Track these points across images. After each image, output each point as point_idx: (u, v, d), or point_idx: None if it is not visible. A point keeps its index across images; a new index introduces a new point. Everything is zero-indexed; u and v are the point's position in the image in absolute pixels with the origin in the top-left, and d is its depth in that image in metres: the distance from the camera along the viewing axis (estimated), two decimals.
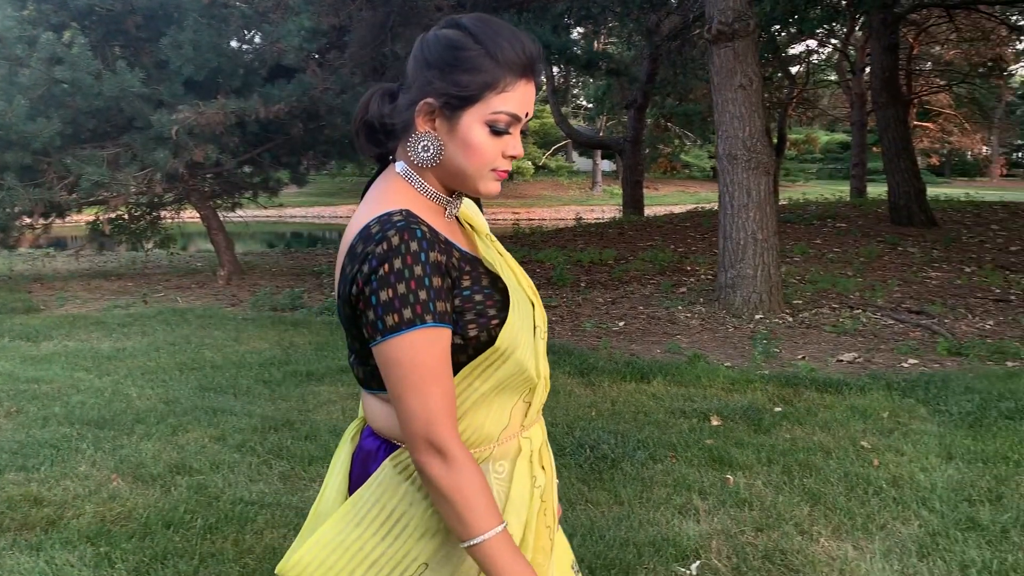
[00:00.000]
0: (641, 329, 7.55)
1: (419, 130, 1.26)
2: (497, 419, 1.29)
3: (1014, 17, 20.93)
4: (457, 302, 1.21)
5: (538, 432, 1.39)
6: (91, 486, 3.66)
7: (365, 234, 1.18)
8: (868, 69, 19.65)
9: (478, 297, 1.23)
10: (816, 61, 25.73)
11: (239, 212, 12.64)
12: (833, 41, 23.26)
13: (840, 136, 47.70)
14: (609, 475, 3.76)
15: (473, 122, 1.23)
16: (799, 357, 6.31)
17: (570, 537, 3.12)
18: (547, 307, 8.50)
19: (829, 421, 4.53)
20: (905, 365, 6.05)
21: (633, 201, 19.40)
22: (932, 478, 3.67)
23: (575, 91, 38.49)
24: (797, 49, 23.33)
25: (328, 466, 1.41)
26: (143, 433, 4.39)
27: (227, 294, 9.87)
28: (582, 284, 9.87)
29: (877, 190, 20.42)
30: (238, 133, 10.27)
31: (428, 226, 1.19)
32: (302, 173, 13.06)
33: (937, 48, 26.22)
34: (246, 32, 11.71)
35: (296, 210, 36.84)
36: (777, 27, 15.57)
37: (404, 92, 1.28)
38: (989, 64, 24.82)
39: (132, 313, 8.39)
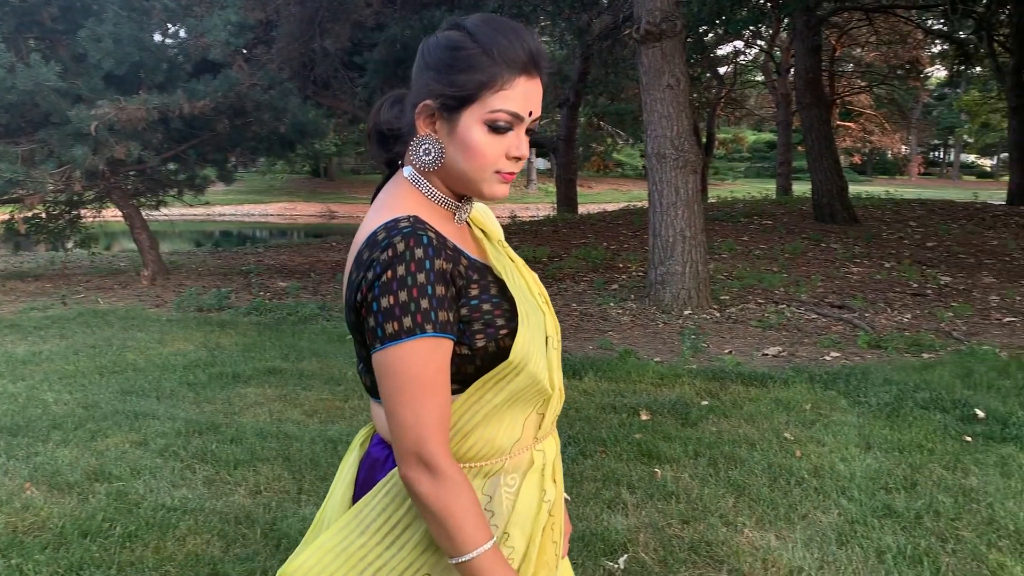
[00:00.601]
0: (574, 326, 7.61)
1: (420, 133, 1.25)
2: (509, 432, 1.26)
3: (929, 21, 21.76)
4: (464, 311, 1.18)
5: (552, 444, 1.36)
6: (2, 496, 3.51)
7: (372, 240, 1.16)
8: (793, 70, 20.16)
9: (486, 307, 1.20)
10: (743, 62, 26.30)
11: (164, 210, 12.30)
12: (760, 42, 23.82)
13: (767, 135, 48.88)
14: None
15: (472, 122, 1.21)
16: (726, 351, 6.44)
17: None
18: None
19: (754, 414, 4.64)
20: (827, 358, 6.23)
21: (567, 199, 19.55)
22: (851, 468, 3.78)
23: None
24: (725, 50, 23.82)
25: (334, 474, 1.38)
26: (60, 439, 4.24)
27: (151, 295, 9.59)
28: None
29: (802, 188, 20.99)
30: (161, 129, 9.99)
31: (435, 232, 1.17)
32: (229, 170, 12.79)
33: (858, 50, 27.10)
34: (170, 26, 11.39)
35: (226, 208, 36.06)
36: (704, 28, 15.85)
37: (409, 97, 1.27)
38: (907, 66, 25.76)
39: (50, 315, 8.08)
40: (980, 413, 4.53)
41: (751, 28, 20.07)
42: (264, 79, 10.28)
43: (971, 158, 51.62)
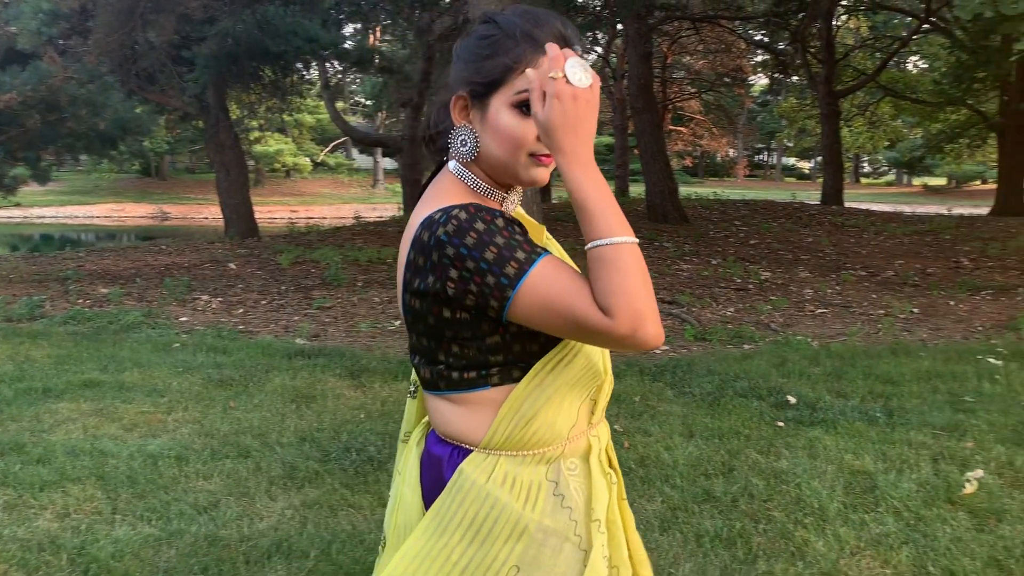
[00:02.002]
0: None
1: (456, 125, 1.27)
2: (567, 416, 1.27)
3: (752, 32, 23.20)
4: None
5: (604, 430, 1.38)
6: None
7: (428, 222, 1.17)
8: (627, 76, 20.96)
9: None
10: None
11: None
12: (597, 49, 24.58)
13: (606, 138, 50.57)
14: (374, 477, 3.72)
15: (501, 106, 1.22)
16: None
17: (329, 544, 3.05)
18: (321, 308, 8.30)
19: None
20: (657, 352, 6.50)
21: (413, 199, 19.42)
22: (675, 456, 3.96)
23: (353, 87, 37.92)
24: None
25: (391, 476, 1.38)
26: None
27: None
28: (359, 284, 9.73)
29: (639, 189, 21.88)
30: None
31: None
32: (44, 169, 11.87)
33: (688, 58, 28.51)
34: None
35: (46, 210, 33.49)
36: None
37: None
38: (732, 74, 27.35)
39: None
40: (792, 399, 4.86)
41: (587, 35, 20.68)
42: (81, 72, 9.60)
43: (791, 161, 55.48)
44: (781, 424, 4.46)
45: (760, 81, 34.64)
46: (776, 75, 25.32)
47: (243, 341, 6.68)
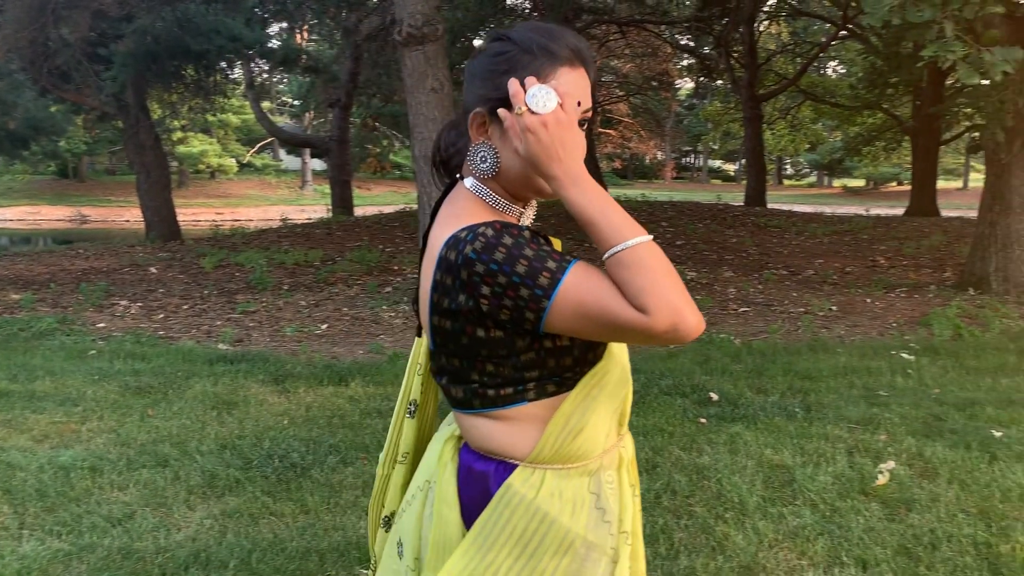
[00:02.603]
0: (345, 331, 7.47)
1: (474, 142, 1.27)
2: (606, 427, 1.29)
3: (678, 36, 23.62)
4: None
5: (630, 442, 1.40)
6: None
7: (454, 241, 1.18)
8: None
9: None
10: None
11: None
12: None
13: None
14: (297, 484, 3.65)
15: None
16: None
17: (249, 554, 2.98)
18: (245, 313, 8.13)
19: None
20: None
21: (342, 201, 19.22)
22: None
23: (280, 87, 37.29)
24: None
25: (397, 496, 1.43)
26: None
27: None
28: (285, 287, 9.56)
29: None
30: None
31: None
32: None
33: (616, 61, 28.87)
34: None
35: None
36: (472, 35, 16.18)
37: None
38: (659, 78, 27.81)
39: None
40: (714, 396, 4.96)
41: None
42: None
43: (717, 163, 56.71)
44: (704, 421, 4.55)
45: (686, 85, 35.29)
46: (701, 79, 25.85)
47: (163, 347, 6.50)
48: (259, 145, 43.27)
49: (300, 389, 5.24)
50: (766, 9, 22.01)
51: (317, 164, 43.04)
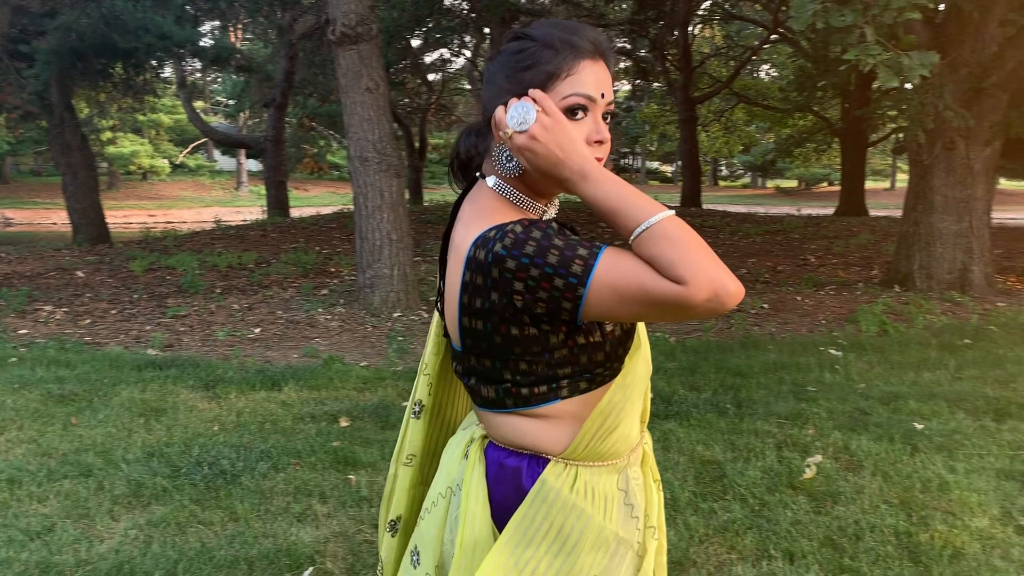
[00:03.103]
0: (279, 335, 7.35)
1: (498, 142, 1.25)
2: (633, 425, 1.32)
3: (614, 38, 23.82)
4: None
5: (649, 438, 1.45)
6: None
7: (482, 240, 1.18)
8: None
9: None
10: (452, 70, 27.11)
11: None
12: (465, 52, 24.69)
13: None
14: (226, 491, 3.57)
15: None
16: None
17: (175, 564, 2.91)
18: (176, 317, 7.94)
19: None
20: None
21: (277, 202, 18.92)
22: None
23: (214, 87, 36.55)
24: (432, 57, 24.39)
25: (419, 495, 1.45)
26: None
27: None
28: (217, 290, 9.36)
29: None
30: None
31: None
32: None
33: None
34: None
35: None
36: (409, 35, 16.11)
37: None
38: None
39: None
40: (649, 394, 5.01)
41: (456, 38, 20.74)
42: None
43: (655, 165, 57.45)
44: None
45: (623, 87, 35.69)
46: (638, 81, 26.15)
47: (89, 353, 6.30)
48: (192, 146, 42.32)
49: (231, 394, 5.13)
50: (700, 13, 22.39)
51: (253, 165, 42.31)
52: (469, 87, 28.75)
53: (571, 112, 1.23)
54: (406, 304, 8.17)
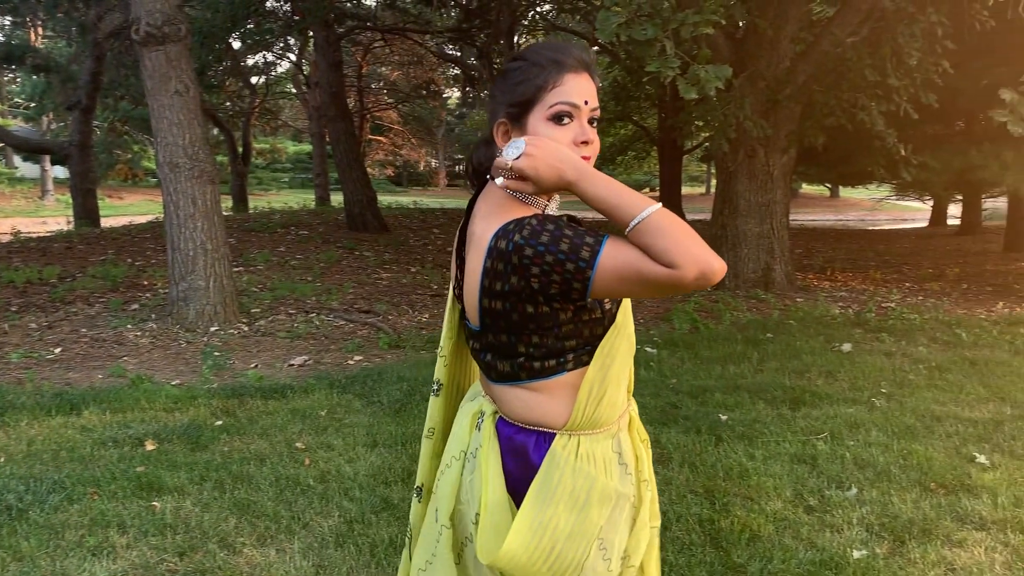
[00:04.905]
0: (82, 354, 6.82)
1: (501, 148, 1.47)
2: (620, 392, 1.53)
3: (444, 45, 23.97)
4: None
5: (634, 405, 1.66)
6: None
7: (503, 231, 1.38)
8: (319, 84, 20.69)
9: None
10: (275, 74, 26.31)
11: None
12: (290, 56, 24.04)
13: (307, 146, 49.53)
14: (10, 528, 3.26)
15: (537, 121, 1.44)
16: (251, 366, 6.31)
17: None
18: None
19: (269, 427, 4.58)
20: (350, 362, 6.45)
21: (86, 211, 17.59)
22: (356, 468, 3.92)
23: (12, 88, 33.61)
24: (254, 60, 23.56)
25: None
26: None
27: None
28: (12, 308, 8.57)
29: (340, 198, 21.68)
30: None
31: None
32: None
33: (383, 68, 28.82)
34: None
35: None
36: (226, 36, 15.46)
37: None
38: (427, 87, 28.09)
39: None
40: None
41: (280, 41, 20.11)
42: None
43: None
44: None
45: (455, 94, 35.95)
46: (467, 89, 26.40)
47: None
48: None
49: (22, 422, 4.70)
50: (525, 23, 22.89)
51: (60, 172, 39.17)
52: (295, 91, 27.98)
53: (558, 118, 1.44)
54: (224, 317, 7.81)
